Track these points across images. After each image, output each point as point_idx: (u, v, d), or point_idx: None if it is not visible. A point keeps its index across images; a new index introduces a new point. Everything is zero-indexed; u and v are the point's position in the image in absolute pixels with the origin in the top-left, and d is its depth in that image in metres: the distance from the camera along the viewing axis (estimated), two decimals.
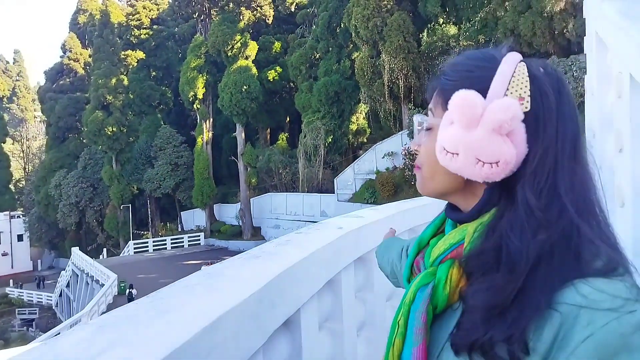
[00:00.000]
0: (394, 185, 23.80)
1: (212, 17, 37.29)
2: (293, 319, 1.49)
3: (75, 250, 33.16)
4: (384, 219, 2.99)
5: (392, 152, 25.15)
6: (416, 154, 0.81)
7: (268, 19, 37.57)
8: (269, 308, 1.18)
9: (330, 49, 31.88)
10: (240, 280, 1.14)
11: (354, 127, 32.16)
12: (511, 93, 0.67)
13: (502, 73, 0.68)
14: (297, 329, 1.53)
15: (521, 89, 0.68)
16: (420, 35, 26.24)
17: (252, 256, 1.40)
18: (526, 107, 0.66)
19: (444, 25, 26.19)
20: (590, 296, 0.57)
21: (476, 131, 0.66)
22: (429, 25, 26.55)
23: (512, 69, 0.69)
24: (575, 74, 16.45)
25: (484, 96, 0.67)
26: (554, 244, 0.62)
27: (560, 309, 0.58)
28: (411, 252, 0.83)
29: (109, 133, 39.16)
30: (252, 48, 35.57)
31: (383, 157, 25.52)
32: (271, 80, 36.27)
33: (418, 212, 3.51)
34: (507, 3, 20.44)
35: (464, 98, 0.67)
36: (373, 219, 2.90)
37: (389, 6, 24.66)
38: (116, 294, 23.63)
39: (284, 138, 37.47)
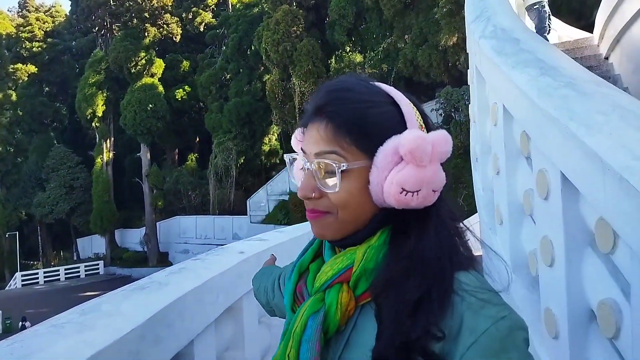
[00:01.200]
0: None
1: (114, 32, 35.50)
2: (185, 352, 1.40)
3: None
4: (289, 241, 2.98)
5: None
6: (309, 199, 0.75)
7: (175, 37, 36.59)
8: (153, 344, 1.10)
9: (240, 70, 31.79)
10: (118, 315, 1.04)
11: (266, 147, 32.11)
12: (419, 125, 0.73)
13: (407, 108, 0.73)
14: None
15: (419, 119, 0.74)
16: (329, 61, 27.18)
17: (138, 287, 1.30)
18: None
19: (350, 53, 27.41)
20: (470, 296, 0.66)
21: (430, 167, 0.70)
22: (336, 52, 27.61)
23: (407, 101, 0.74)
24: (467, 103, 18.02)
25: (402, 131, 0.70)
26: (444, 247, 0.71)
27: (454, 301, 0.66)
28: (292, 279, 0.80)
29: None
30: (158, 66, 34.30)
31: None
32: (179, 99, 35.13)
33: None
34: (406, 36, 21.97)
35: (421, 139, 0.68)
36: (277, 241, 2.88)
37: (298, 32, 25.30)
38: (0, 332, 21.09)
39: (193, 159, 36.27)
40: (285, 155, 0.82)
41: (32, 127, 39.37)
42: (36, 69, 39.98)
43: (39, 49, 40.50)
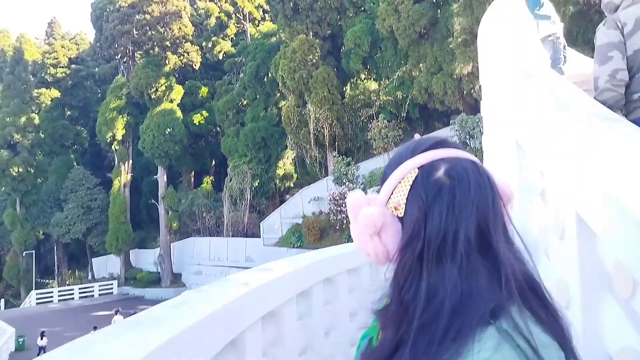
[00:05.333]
0: (320, 230, 23.88)
1: (136, 59, 36.54)
2: None
3: None
4: (295, 271, 2.92)
5: (318, 197, 25.35)
6: None
7: (195, 65, 37.49)
8: None
9: (257, 96, 32.33)
10: (109, 356, 1.01)
11: (280, 172, 32.30)
12: (392, 199, 0.76)
13: (393, 178, 0.77)
14: None
15: (400, 197, 0.75)
16: (344, 89, 27.46)
17: (134, 324, 1.27)
18: (400, 213, 0.75)
19: (365, 80, 27.69)
20: None
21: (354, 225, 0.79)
22: (351, 80, 27.92)
23: (402, 175, 0.76)
24: (482, 131, 17.92)
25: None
26: None
27: None
28: None
29: (14, 174, 36.03)
30: (178, 92, 35.10)
31: (309, 202, 25.65)
32: (197, 124, 35.76)
33: (332, 262, 3.45)
34: (421, 65, 22.14)
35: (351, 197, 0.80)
36: (283, 271, 2.83)
37: (314, 60, 25.72)
38: (13, 350, 21.13)
39: (209, 181, 36.65)
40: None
41: (53, 149, 40.30)
42: (59, 93, 41.18)
43: (63, 74, 41.80)
